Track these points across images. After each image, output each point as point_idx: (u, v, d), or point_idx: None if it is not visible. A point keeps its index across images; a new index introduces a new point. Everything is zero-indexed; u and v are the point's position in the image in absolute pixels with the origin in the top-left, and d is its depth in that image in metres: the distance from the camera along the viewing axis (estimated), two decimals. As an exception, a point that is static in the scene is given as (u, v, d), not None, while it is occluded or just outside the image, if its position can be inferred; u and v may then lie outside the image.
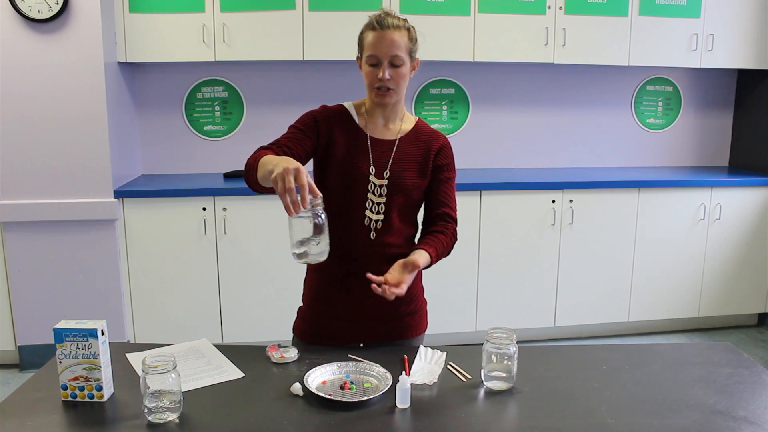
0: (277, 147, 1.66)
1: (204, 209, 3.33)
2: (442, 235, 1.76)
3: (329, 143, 1.72)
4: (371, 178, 1.70)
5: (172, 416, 1.31)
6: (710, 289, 3.87)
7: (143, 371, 1.29)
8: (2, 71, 3.08)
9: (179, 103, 3.77)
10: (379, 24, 1.64)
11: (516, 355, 1.46)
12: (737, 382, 1.52)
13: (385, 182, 1.71)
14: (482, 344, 1.48)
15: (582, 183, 3.61)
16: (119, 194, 3.26)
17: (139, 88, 3.71)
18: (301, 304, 1.86)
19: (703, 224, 3.77)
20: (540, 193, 3.57)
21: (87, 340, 1.36)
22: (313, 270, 1.82)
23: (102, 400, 1.39)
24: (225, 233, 3.34)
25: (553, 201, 3.58)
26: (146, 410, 1.30)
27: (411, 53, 1.70)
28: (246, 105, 3.82)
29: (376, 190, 1.71)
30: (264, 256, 3.38)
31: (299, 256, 1.41)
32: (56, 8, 3.04)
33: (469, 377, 1.52)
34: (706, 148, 4.33)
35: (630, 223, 3.69)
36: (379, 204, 1.71)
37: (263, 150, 1.64)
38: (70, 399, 1.39)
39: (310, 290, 1.83)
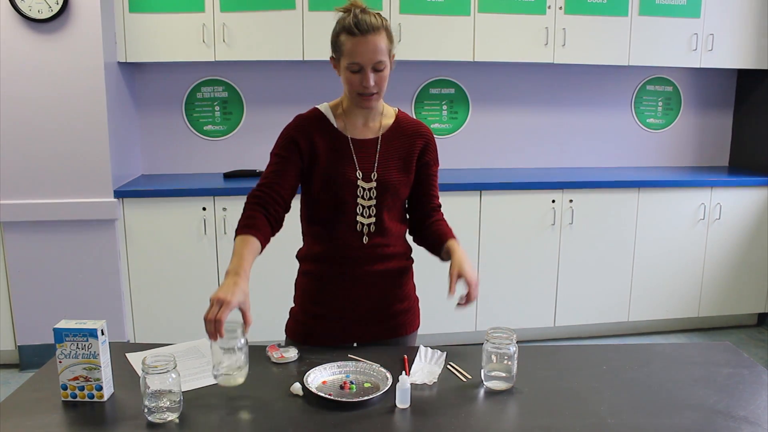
0: (267, 195, 1.64)
1: (204, 209, 3.33)
2: (444, 223, 1.80)
3: (312, 155, 1.68)
4: (359, 182, 1.67)
5: (172, 416, 1.31)
6: (710, 289, 3.87)
7: (143, 371, 1.29)
8: (2, 71, 3.08)
9: (179, 103, 3.77)
10: (357, 28, 1.55)
11: (516, 355, 1.46)
12: (737, 382, 1.52)
13: (373, 184, 1.68)
14: (482, 344, 1.48)
15: (582, 183, 3.61)
16: (119, 194, 3.26)
17: (139, 88, 3.71)
18: (293, 305, 1.84)
19: (703, 224, 3.77)
20: (540, 193, 3.57)
21: (87, 340, 1.36)
22: (303, 273, 1.81)
23: (102, 400, 1.39)
24: (225, 233, 3.34)
25: (553, 201, 3.58)
26: (146, 410, 1.30)
27: (390, 53, 1.63)
28: (246, 105, 3.82)
29: (365, 194, 1.68)
30: (263, 256, 3.36)
31: (216, 377, 1.40)
32: (56, 8, 3.04)
33: (469, 377, 1.52)
34: (706, 148, 4.33)
35: (630, 223, 3.69)
36: (369, 207, 1.69)
37: (252, 208, 1.63)
38: (70, 399, 1.39)
39: (302, 292, 1.81)
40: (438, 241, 1.75)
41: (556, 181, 3.60)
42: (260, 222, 1.62)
